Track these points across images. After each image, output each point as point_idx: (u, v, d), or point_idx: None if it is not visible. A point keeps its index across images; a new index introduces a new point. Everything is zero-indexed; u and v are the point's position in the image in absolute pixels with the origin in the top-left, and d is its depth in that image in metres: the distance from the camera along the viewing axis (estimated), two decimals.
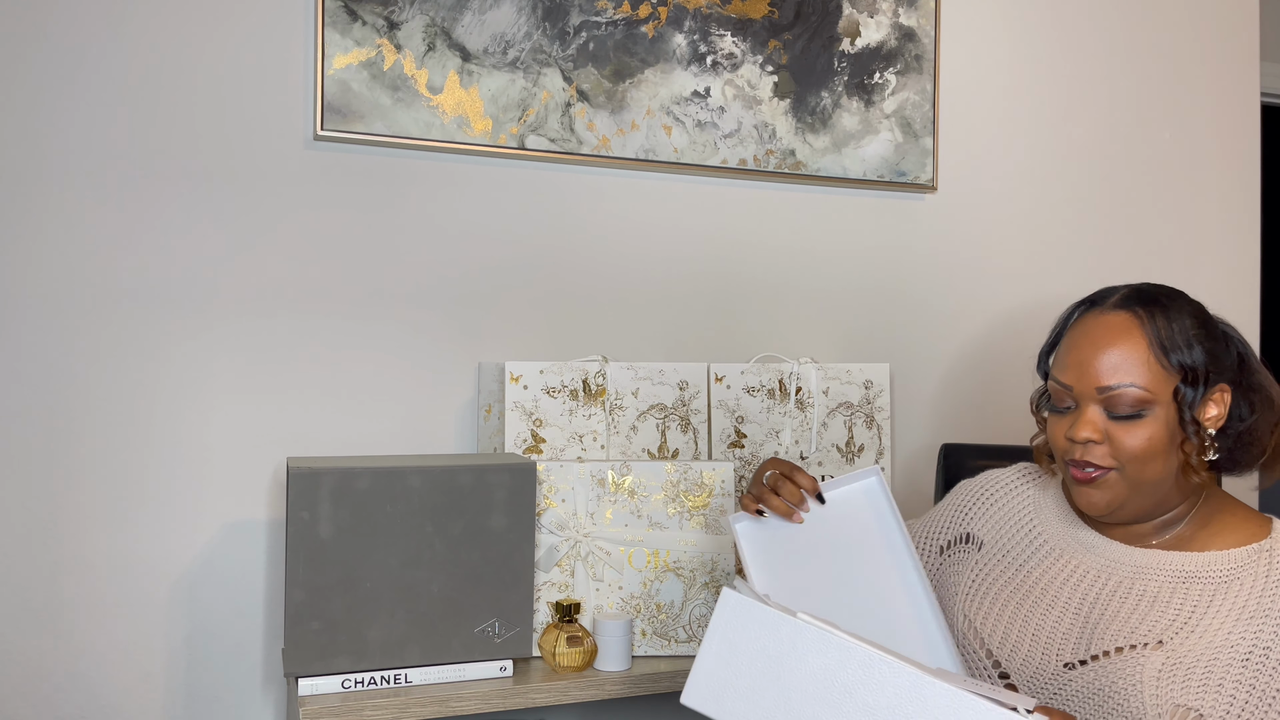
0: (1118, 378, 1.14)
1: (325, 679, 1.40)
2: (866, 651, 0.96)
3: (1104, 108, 2.31)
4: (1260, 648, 1.07)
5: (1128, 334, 1.15)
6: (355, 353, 1.74)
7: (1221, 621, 1.10)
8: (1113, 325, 1.16)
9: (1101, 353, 1.15)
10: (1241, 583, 1.12)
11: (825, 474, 1.82)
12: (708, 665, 1.02)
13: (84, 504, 1.60)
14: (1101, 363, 1.15)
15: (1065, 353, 1.20)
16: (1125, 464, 1.15)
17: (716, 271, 1.98)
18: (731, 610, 1.02)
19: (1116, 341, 1.15)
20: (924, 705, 0.93)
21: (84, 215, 1.60)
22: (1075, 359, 1.17)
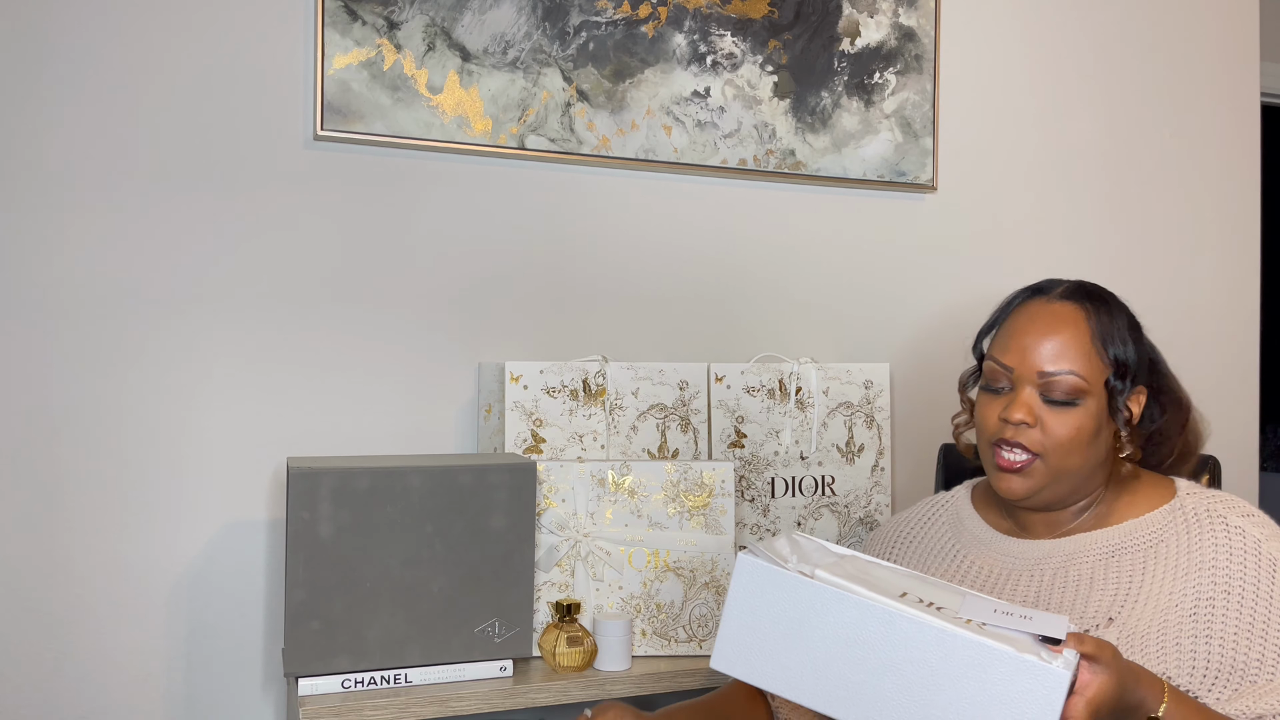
0: (1059, 364, 1.18)
1: (325, 679, 1.40)
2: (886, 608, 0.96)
3: (1104, 107, 2.31)
4: (1204, 599, 1.12)
5: (1073, 323, 1.20)
6: (355, 352, 1.74)
7: (1160, 584, 1.14)
8: (1059, 313, 1.21)
9: (1046, 338, 1.19)
10: (1166, 544, 1.17)
11: (827, 474, 1.82)
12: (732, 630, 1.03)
13: (84, 504, 1.60)
14: (1045, 348, 1.19)
15: (1008, 336, 1.23)
16: (1050, 451, 1.18)
17: (716, 271, 1.98)
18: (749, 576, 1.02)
19: (1061, 329, 1.20)
20: (946, 656, 0.94)
21: (83, 215, 1.60)
22: (1019, 343, 1.21)
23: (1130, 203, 2.35)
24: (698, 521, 1.58)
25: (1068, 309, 1.22)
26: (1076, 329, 1.20)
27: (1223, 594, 1.12)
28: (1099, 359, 1.19)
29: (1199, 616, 1.11)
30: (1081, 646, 0.95)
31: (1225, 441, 2.41)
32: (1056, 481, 1.20)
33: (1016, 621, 0.95)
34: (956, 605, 0.99)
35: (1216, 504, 1.19)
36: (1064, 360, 1.18)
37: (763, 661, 1.01)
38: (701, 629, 1.58)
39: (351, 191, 1.74)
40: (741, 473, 1.78)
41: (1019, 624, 0.95)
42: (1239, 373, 2.45)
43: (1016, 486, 1.20)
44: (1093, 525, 1.23)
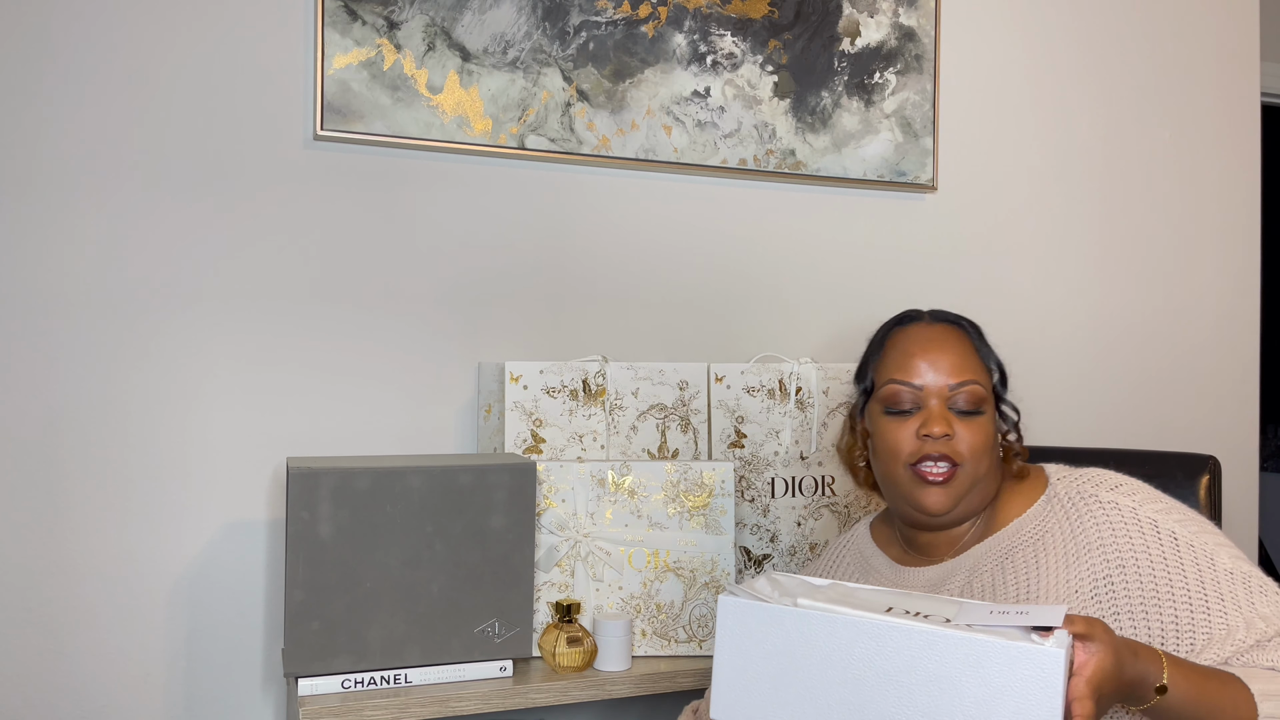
0: (964, 375, 1.25)
1: (325, 679, 1.40)
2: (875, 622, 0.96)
3: (1104, 108, 2.31)
4: (1101, 579, 1.16)
5: (958, 339, 1.28)
6: (355, 353, 1.74)
7: (1055, 574, 1.18)
8: (945, 332, 1.29)
9: (942, 354, 1.26)
10: (1051, 534, 1.21)
11: (827, 474, 1.82)
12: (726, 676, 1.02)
13: (84, 504, 1.60)
14: (944, 363, 1.25)
15: (902, 358, 1.28)
16: (968, 459, 1.23)
17: (716, 271, 1.98)
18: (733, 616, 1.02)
19: (951, 345, 1.27)
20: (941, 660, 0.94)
21: (83, 215, 1.60)
22: (917, 363, 1.27)
23: (1130, 202, 2.35)
24: (698, 521, 1.58)
25: (947, 329, 1.30)
26: (964, 343, 1.28)
27: (1118, 570, 1.16)
28: (985, 369, 1.28)
29: (1100, 597, 1.15)
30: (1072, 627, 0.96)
31: (1225, 441, 2.41)
32: (972, 489, 1.25)
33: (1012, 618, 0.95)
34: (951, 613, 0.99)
35: (1085, 484, 1.23)
36: (966, 371, 1.25)
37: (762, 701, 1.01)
38: (701, 629, 1.58)
39: (351, 191, 1.74)
40: (741, 473, 1.78)
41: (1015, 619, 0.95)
42: (1239, 373, 2.45)
43: (942, 499, 1.24)
44: (983, 533, 1.28)
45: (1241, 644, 1.10)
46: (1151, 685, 1.01)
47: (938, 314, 1.33)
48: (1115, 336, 2.33)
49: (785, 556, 1.81)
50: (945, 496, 1.24)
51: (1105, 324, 2.32)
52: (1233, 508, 2.35)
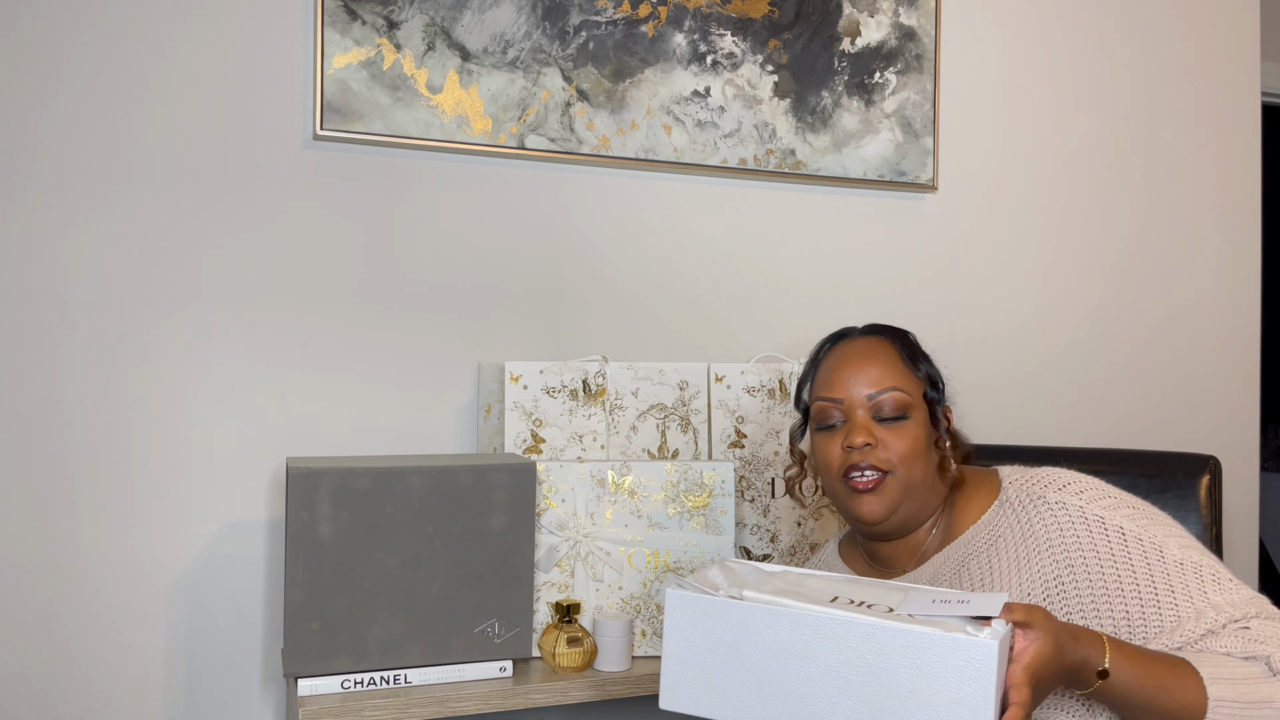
0: (882, 384, 1.27)
1: (325, 679, 1.40)
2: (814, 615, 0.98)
3: (1104, 108, 2.31)
4: (1052, 580, 1.18)
5: (882, 350, 1.31)
6: (355, 353, 1.74)
7: (1006, 578, 1.20)
8: (868, 345, 1.32)
9: (865, 366, 1.29)
10: (1004, 538, 1.23)
11: None
12: (674, 667, 1.04)
13: (83, 504, 1.60)
14: (866, 374, 1.28)
15: (828, 375, 1.32)
16: (897, 465, 1.25)
17: (716, 271, 1.98)
18: (679, 609, 1.04)
19: (874, 356, 1.30)
20: (880, 651, 0.96)
21: (83, 214, 1.60)
22: (840, 377, 1.30)
23: (1130, 202, 2.34)
24: (698, 522, 1.58)
25: (873, 341, 1.32)
26: (886, 353, 1.30)
27: (1067, 569, 1.17)
28: (913, 376, 1.29)
29: (1051, 596, 1.17)
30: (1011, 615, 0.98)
31: (1225, 441, 2.41)
32: (907, 496, 1.26)
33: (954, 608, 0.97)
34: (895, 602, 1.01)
35: (1034, 486, 1.25)
36: (886, 380, 1.27)
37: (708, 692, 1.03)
38: None
39: (351, 191, 1.74)
40: (741, 473, 1.77)
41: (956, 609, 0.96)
42: (1239, 373, 2.45)
43: (874, 507, 1.26)
44: (941, 542, 1.29)
45: (1191, 634, 1.11)
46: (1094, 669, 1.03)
47: (869, 328, 1.36)
48: (1115, 336, 2.33)
49: (785, 556, 1.81)
50: (877, 504, 1.25)
51: (1105, 324, 2.32)
52: (1233, 508, 2.35)
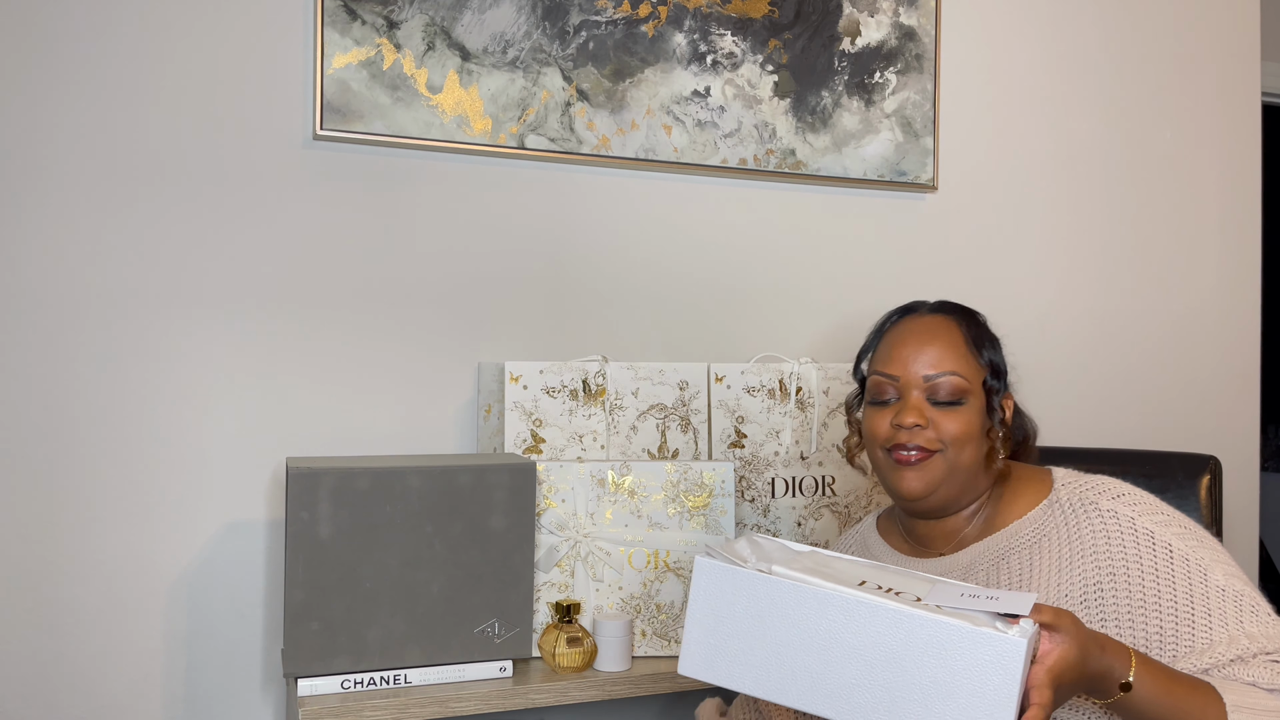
0: (941, 367, 1.25)
1: (325, 679, 1.40)
2: (843, 596, 0.98)
3: (1104, 107, 2.31)
4: (1091, 585, 1.17)
5: (947, 330, 1.29)
6: (355, 352, 1.74)
7: (1047, 578, 1.19)
8: (933, 324, 1.29)
9: (925, 346, 1.27)
10: (1049, 538, 1.22)
11: (827, 474, 1.82)
12: (696, 634, 1.04)
13: (83, 504, 1.60)
14: (926, 355, 1.26)
15: (888, 349, 1.30)
16: (947, 446, 1.24)
17: (716, 271, 1.98)
18: (708, 577, 1.04)
19: (938, 336, 1.28)
20: (906, 639, 0.95)
21: (83, 215, 1.60)
22: (900, 354, 1.28)
23: (1130, 202, 2.34)
24: (698, 522, 1.58)
25: (940, 320, 1.30)
26: (952, 335, 1.28)
27: (1108, 577, 1.17)
28: (975, 361, 1.27)
29: (1089, 602, 1.16)
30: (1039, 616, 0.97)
31: (1225, 441, 2.41)
32: (951, 477, 1.25)
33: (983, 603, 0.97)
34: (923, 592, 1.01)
35: (1088, 491, 1.24)
36: (945, 363, 1.26)
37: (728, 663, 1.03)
38: None
39: (351, 191, 1.74)
40: (741, 473, 1.77)
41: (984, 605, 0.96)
42: (1239, 373, 2.45)
43: (916, 483, 1.25)
44: (982, 532, 1.28)
45: (1221, 658, 1.10)
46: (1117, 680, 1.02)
47: (939, 305, 1.34)
48: (1115, 336, 2.33)
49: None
50: (919, 480, 1.24)
51: (1105, 324, 2.32)
52: (1233, 508, 2.35)
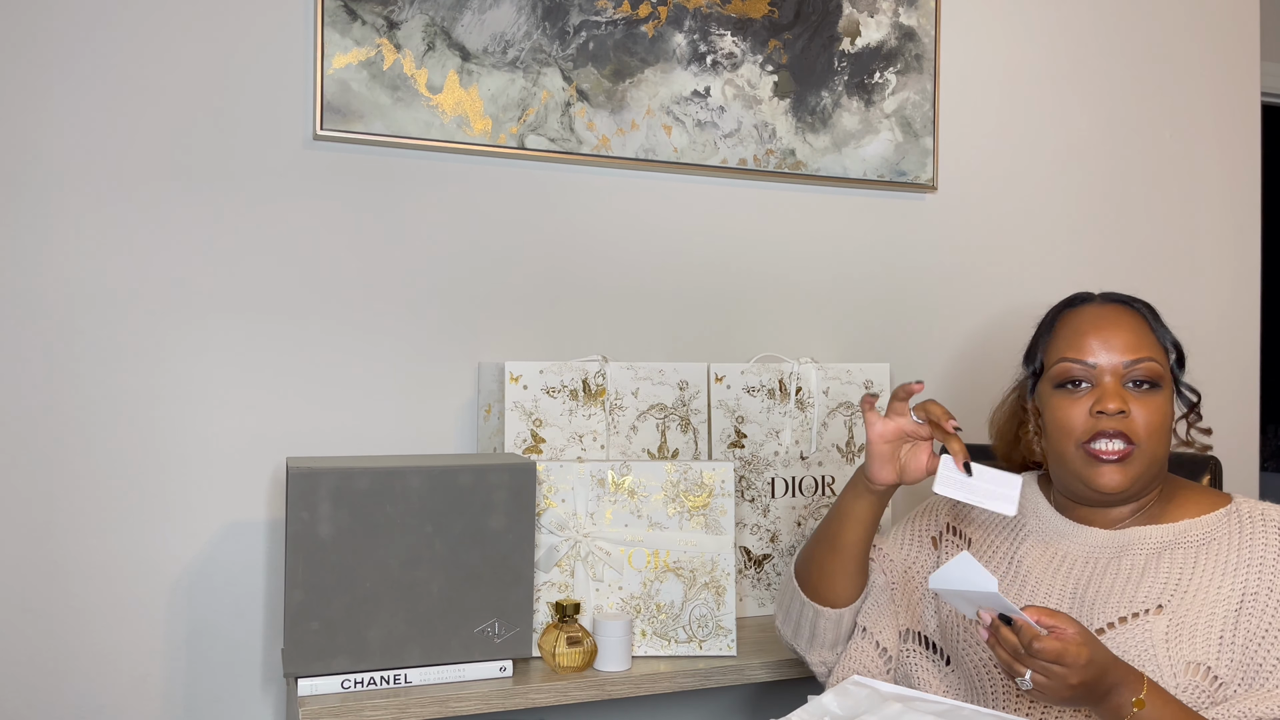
0: (1140, 352, 1.24)
1: (325, 679, 1.40)
2: None
3: (1104, 107, 2.31)
4: (1250, 594, 1.16)
5: (1133, 318, 1.27)
6: (355, 353, 1.74)
7: (1210, 579, 1.19)
8: (1118, 312, 1.27)
9: (1121, 331, 1.25)
10: (1218, 543, 1.21)
11: (827, 474, 1.82)
12: None
13: (83, 504, 1.60)
14: (1123, 339, 1.24)
15: (1078, 337, 1.27)
16: (1145, 439, 1.22)
17: (716, 271, 1.98)
18: None
19: (1127, 323, 1.26)
20: None
21: (82, 215, 1.60)
22: (1092, 341, 1.25)
23: (1130, 202, 2.34)
24: (698, 522, 1.58)
25: (1120, 309, 1.28)
26: (1138, 321, 1.27)
27: (1266, 590, 1.16)
28: (1161, 348, 1.27)
29: (1244, 611, 1.16)
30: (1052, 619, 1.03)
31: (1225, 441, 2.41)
32: (1148, 469, 1.24)
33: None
34: None
35: (1271, 510, 1.23)
36: (1142, 348, 1.24)
37: None
38: (701, 629, 1.57)
39: (351, 191, 1.74)
40: (741, 473, 1.78)
41: None
42: (1239, 373, 2.45)
43: (1119, 478, 1.23)
44: (1144, 523, 1.28)
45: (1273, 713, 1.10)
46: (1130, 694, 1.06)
47: (1109, 295, 1.32)
48: None
49: (785, 556, 1.81)
50: (1121, 475, 1.22)
51: None
52: None
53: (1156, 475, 1.26)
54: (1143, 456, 1.22)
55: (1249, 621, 1.15)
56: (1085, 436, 1.23)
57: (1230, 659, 1.14)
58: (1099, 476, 1.23)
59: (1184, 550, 1.22)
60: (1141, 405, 1.22)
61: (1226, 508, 1.25)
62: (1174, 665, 1.13)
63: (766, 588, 1.80)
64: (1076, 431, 1.24)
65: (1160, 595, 1.19)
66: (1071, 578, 1.26)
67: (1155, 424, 1.22)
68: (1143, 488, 1.26)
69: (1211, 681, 1.13)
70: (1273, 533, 1.20)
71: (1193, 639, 1.15)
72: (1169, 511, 1.27)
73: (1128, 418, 1.22)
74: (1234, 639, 1.14)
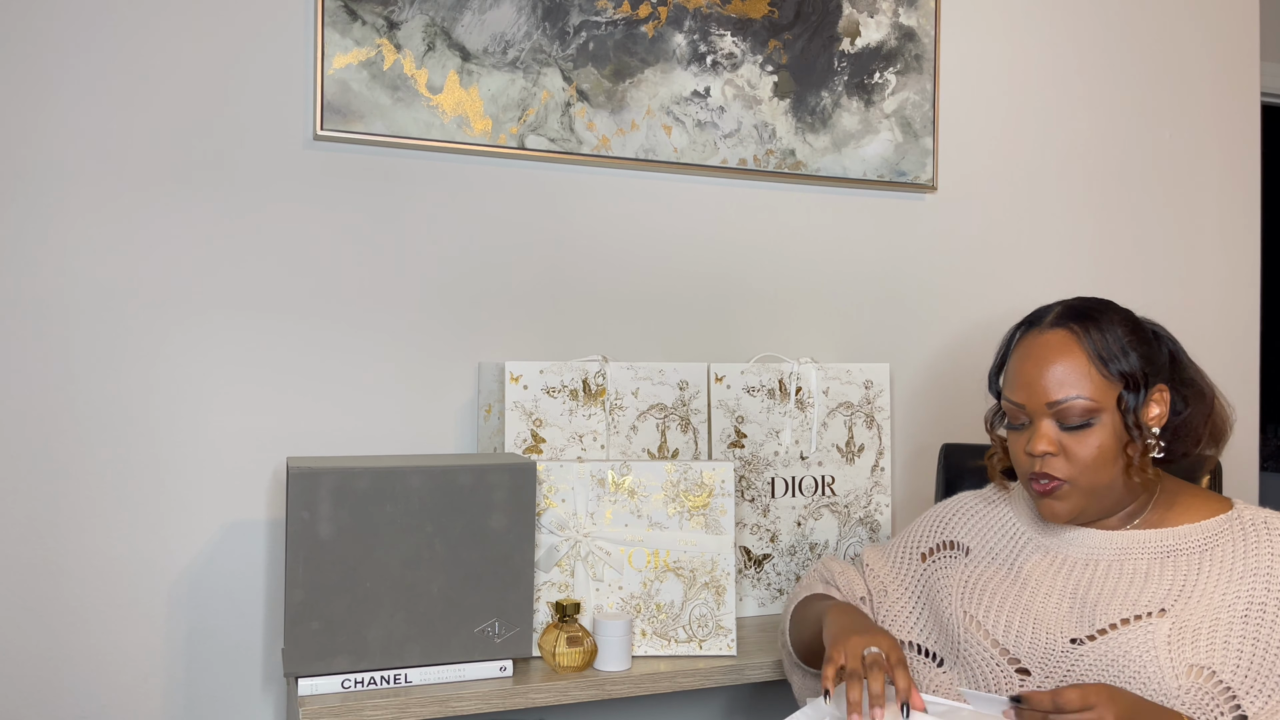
0: (1064, 391, 1.22)
1: (325, 679, 1.40)
2: None
3: (1104, 107, 2.31)
4: (1256, 604, 1.16)
5: (1067, 350, 1.23)
6: (355, 353, 1.74)
7: (1214, 585, 1.19)
8: (1052, 343, 1.24)
9: (1046, 369, 1.23)
10: (1222, 549, 1.21)
11: (827, 474, 1.82)
12: None
13: (84, 504, 1.60)
14: (1048, 379, 1.22)
15: (1013, 374, 1.27)
16: (1078, 475, 1.22)
17: (716, 271, 1.98)
18: None
19: (1058, 358, 1.23)
20: None
21: (83, 215, 1.60)
22: (1023, 379, 1.25)
23: (1130, 202, 2.34)
24: (698, 521, 1.58)
25: (1059, 336, 1.24)
26: (1072, 355, 1.23)
27: (1275, 600, 1.16)
28: (1102, 379, 1.22)
29: (1250, 619, 1.16)
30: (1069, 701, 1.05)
31: None
32: (1093, 499, 1.25)
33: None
34: None
35: (1274, 518, 1.23)
36: (1068, 387, 1.21)
37: None
38: (701, 629, 1.58)
39: (351, 191, 1.74)
40: (741, 473, 1.78)
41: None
42: (1239, 373, 2.45)
43: (1059, 510, 1.25)
44: (1147, 524, 1.28)
45: None
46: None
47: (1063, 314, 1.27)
48: None
49: (785, 556, 1.81)
50: (1060, 507, 1.25)
51: None
52: None
53: (1118, 498, 1.26)
54: (1077, 490, 1.23)
55: (1258, 631, 1.15)
56: (1027, 474, 1.27)
57: (1236, 664, 1.14)
58: (1043, 509, 1.26)
59: (1186, 556, 1.23)
60: (1074, 441, 1.22)
61: (1228, 513, 1.25)
62: (1176, 667, 1.13)
63: (766, 588, 1.80)
64: (1022, 466, 1.27)
65: (1164, 599, 1.19)
66: (1072, 580, 1.27)
67: (1087, 459, 1.22)
68: (1101, 510, 1.27)
69: (1215, 685, 1.13)
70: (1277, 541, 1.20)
71: (1195, 642, 1.15)
72: (1169, 516, 1.28)
73: (1056, 457, 1.23)
74: (1241, 645, 1.14)
